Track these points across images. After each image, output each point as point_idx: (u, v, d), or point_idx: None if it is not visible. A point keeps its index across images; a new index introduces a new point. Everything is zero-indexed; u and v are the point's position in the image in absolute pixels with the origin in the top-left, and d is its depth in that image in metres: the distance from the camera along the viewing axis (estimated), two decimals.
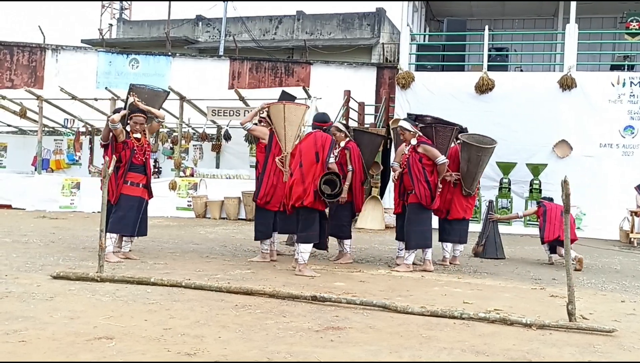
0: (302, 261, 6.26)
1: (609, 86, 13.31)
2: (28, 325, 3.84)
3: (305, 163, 6.23)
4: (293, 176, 6.31)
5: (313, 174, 6.20)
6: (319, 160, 6.21)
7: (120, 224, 6.85)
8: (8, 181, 14.79)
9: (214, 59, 19.19)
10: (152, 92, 7.69)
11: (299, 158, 6.32)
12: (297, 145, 6.49)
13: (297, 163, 6.31)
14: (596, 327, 4.23)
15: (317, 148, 6.26)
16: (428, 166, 6.75)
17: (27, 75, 19.30)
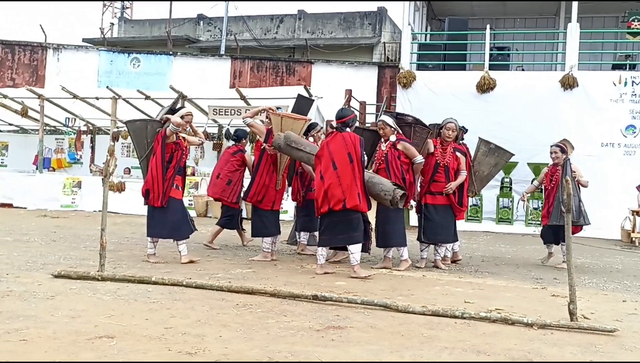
0: (355, 262, 6.16)
1: (610, 85, 13.30)
2: (29, 324, 3.84)
3: (340, 164, 6.09)
4: (325, 179, 6.12)
5: (351, 176, 6.06)
6: (353, 160, 6.09)
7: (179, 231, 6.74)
8: (9, 180, 14.80)
9: (215, 58, 19.19)
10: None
11: (328, 159, 6.15)
12: (322, 146, 6.30)
13: (327, 165, 6.14)
14: (597, 327, 4.22)
15: (348, 148, 6.13)
16: (405, 163, 6.78)
17: (29, 74, 19.32)
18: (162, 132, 6.66)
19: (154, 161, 6.61)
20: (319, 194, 6.19)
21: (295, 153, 6.71)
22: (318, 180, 6.24)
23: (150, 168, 6.65)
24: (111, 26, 30.18)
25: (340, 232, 6.16)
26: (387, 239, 6.88)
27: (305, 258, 7.52)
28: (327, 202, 6.11)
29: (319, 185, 6.20)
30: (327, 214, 6.17)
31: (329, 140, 6.27)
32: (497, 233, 11.91)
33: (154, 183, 6.57)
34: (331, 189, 6.07)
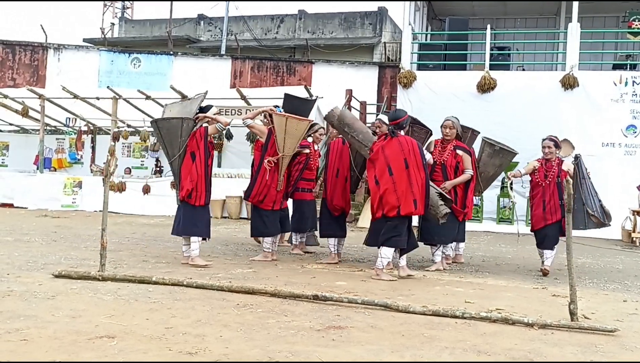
0: (380, 265, 6.10)
1: (611, 85, 13.29)
2: (30, 323, 3.85)
3: (395, 170, 6.01)
4: (381, 184, 6.04)
5: (407, 182, 6.00)
6: (409, 166, 6.02)
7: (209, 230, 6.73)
8: (10, 180, 14.81)
9: (216, 58, 19.19)
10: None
11: (384, 164, 6.06)
12: (377, 150, 6.16)
13: (383, 170, 6.05)
14: (598, 327, 4.22)
15: (404, 153, 6.06)
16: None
17: (29, 74, 19.33)
18: (202, 131, 6.59)
19: (198, 161, 6.52)
20: (374, 199, 6.11)
21: (345, 135, 6.68)
22: (373, 185, 6.12)
23: (191, 167, 6.52)
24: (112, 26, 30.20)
25: (384, 233, 6.08)
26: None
27: (306, 258, 7.52)
28: (381, 208, 6.05)
29: (374, 190, 6.10)
30: (379, 219, 6.10)
31: (384, 144, 6.12)
32: (498, 233, 11.91)
33: (198, 182, 6.51)
34: (386, 196, 6.00)
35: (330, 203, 7.15)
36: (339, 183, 7.14)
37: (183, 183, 6.54)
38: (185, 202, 6.55)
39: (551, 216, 6.90)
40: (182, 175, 6.56)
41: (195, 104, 6.75)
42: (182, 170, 6.56)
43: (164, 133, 6.60)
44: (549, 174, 6.96)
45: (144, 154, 17.04)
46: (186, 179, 6.52)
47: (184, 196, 6.52)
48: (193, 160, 6.56)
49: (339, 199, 7.13)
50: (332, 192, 7.14)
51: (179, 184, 6.62)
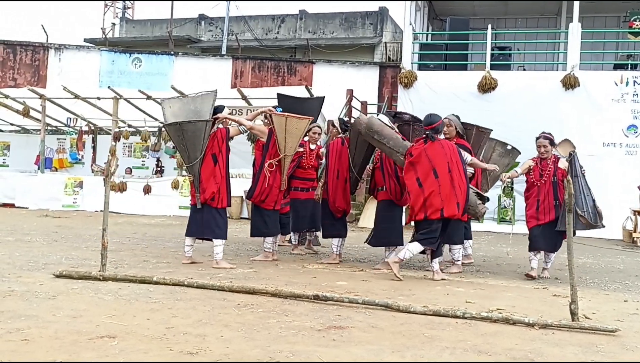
0: (402, 256, 6.09)
1: (612, 85, 13.29)
2: (30, 323, 3.85)
3: (440, 173, 6.00)
4: (425, 187, 5.99)
5: (450, 185, 5.99)
6: (451, 169, 6.02)
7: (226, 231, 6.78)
8: (11, 180, 14.83)
9: (217, 58, 19.20)
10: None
11: (429, 167, 6.03)
12: (419, 153, 6.10)
13: (427, 172, 6.02)
14: (599, 327, 4.22)
15: (447, 157, 6.07)
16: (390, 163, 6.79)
17: (30, 74, 19.34)
18: (224, 132, 6.59)
19: (220, 163, 6.52)
20: (417, 201, 6.05)
21: (375, 143, 6.66)
22: (416, 188, 6.06)
23: (214, 169, 6.48)
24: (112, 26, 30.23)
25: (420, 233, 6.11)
26: (382, 238, 6.87)
27: (307, 258, 7.53)
28: (424, 210, 6.02)
29: (417, 192, 6.04)
30: (421, 221, 6.09)
31: (427, 147, 6.10)
32: (499, 233, 11.90)
33: (222, 185, 6.51)
34: (431, 198, 5.98)
35: (333, 204, 7.13)
36: (339, 184, 7.13)
37: (206, 186, 6.47)
38: (207, 204, 6.51)
39: (544, 216, 6.63)
40: (204, 177, 6.48)
41: (203, 103, 6.63)
42: (203, 172, 6.48)
43: (188, 136, 6.44)
44: (545, 173, 6.76)
45: (145, 154, 17.05)
46: (209, 181, 6.47)
47: (208, 198, 6.48)
48: (215, 162, 6.52)
49: (340, 201, 7.12)
50: (333, 194, 7.12)
51: (199, 186, 6.52)
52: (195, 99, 6.74)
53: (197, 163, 6.48)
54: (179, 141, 6.58)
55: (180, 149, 6.72)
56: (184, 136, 6.46)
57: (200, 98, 6.71)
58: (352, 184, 7.19)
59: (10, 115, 16.16)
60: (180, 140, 6.54)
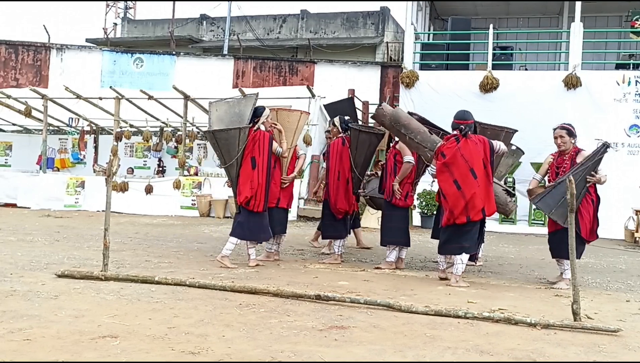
0: (460, 271, 5.89)
1: (614, 84, 13.26)
2: (33, 323, 3.85)
3: (478, 173, 5.79)
4: (465, 189, 5.75)
5: (486, 182, 5.81)
6: (486, 166, 5.84)
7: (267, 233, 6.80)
8: (13, 180, 14.84)
9: (218, 58, 19.20)
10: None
11: (466, 168, 5.77)
12: (453, 154, 5.82)
13: (466, 174, 5.77)
14: (601, 327, 4.21)
15: (482, 155, 5.83)
16: (400, 163, 6.76)
17: (32, 74, 19.36)
18: (266, 137, 6.56)
19: (260, 166, 6.48)
20: (457, 205, 5.77)
21: (401, 137, 6.46)
22: (454, 190, 5.79)
23: (251, 174, 6.45)
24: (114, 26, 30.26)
25: (464, 240, 5.87)
26: (387, 237, 6.88)
27: (309, 258, 7.53)
28: (465, 213, 5.77)
29: (456, 195, 5.77)
30: (460, 225, 5.82)
31: (460, 146, 5.82)
32: (500, 232, 11.89)
33: (258, 190, 6.48)
34: (474, 200, 5.74)
35: (334, 206, 7.11)
36: (341, 185, 7.10)
37: (241, 189, 6.48)
38: (243, 207, 6.54)
39: None
40: (241, 181, 6.49)
41: (247, 105, 6.63)
42: (241, 176, 6.49)
43: (221, 143, 6.47)
44: (560, 170, 6.06)
45: (147, 154, 17.06)
46: (245, 185, 6.46)
47: (242, 202, 6.50)
48: (254, 166, 6.48)
49: (342, 203, 7.10)
50: (335, 195, 7.10)
51: (235, 189, 6.56)
52: (239, 102, 6.76)
53: (231, 167, 6.50)
54: (214, 146, 6.63)
55: (217, 154, 6.77)
56: (217, 143, 6.49)
57: (244, 101, 6.74)
58: (355, 185, 7.19)
59: (12, 115, 16.18)
60: (215, 146, 6.59)
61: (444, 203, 6.00)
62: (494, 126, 7.06)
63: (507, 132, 7.09)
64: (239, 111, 6.63)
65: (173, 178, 14.19)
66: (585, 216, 5.97)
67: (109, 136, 16.34)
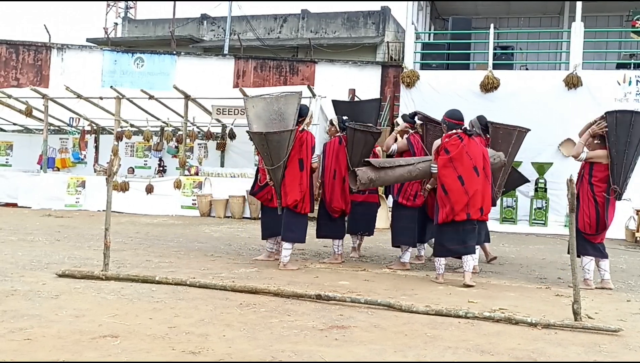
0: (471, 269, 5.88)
1: (615, 84, 13.26)
2: (33, 323, 3.86)
3: (480, 171, 5.88)
4: (469, 186, 5.79)
5: (485, 182, 5.93)
6: (485, 167, 5.93)
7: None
8: (14, 180, 14.84)
9: (219, 58, 19.20)
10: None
11: (469, 164, 5.83)
12: (459, 150, 5.86)
13: (469, 171, 5.82)
14: (602, 327, 4.21)
15: (482, 155, 5.94)
16: None
17: (33, 74, 19.36)
18: (311, 138, 6.58)
19: (306, 169, 6.52)
20: (460, 201, 5.77)
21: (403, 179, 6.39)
22: (458, 186, 5.79)
23: (301, 176, 6.48)
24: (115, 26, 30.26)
25: (458, 242, 5.88)
26: (399, 237, 6.89)
27: (309, 258, 7.52)
28: (466, 210, 5.79)
29: (460, 191, 5.78)
30: (459, 222, 5.82)
31: (465, 143, 5.86)
32: (501, 232, 11.89)
33: (306, 193, 6.54)
34: (475, 197, 5.82)
35: (329, 205, 7.08)
36: (337, 184, 7.03)
37: (288, 190, 6.44)
38: (290, 210, 6.52)
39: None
40: (288, 182, 6.45)
41: (287, 104, 6.47)
42: (288, 177, 6.45)
43: (272, 145, 6.30)
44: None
45: (147, 154, 17.05)
46: (294, 188, 6.44)
47: (290, 205, 6.47)
48: (301, 168, 6.50)
49: (338, 202, 7.05)
50: (330, 194, 7.06)
51: (280, 190, 6.48)
52: (278, 99, 6.57)
53: (278, 169, 6.40)
54: (262, 148, 6.44)
55: (263, 155, 6.55)
56: (268, 145, 6.32)
57: (283, 98, 6.54)
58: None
59: (13, 115, 16.18)
60: (264, 148, 6.39)
61: (443, 199, 5.89)
62: (506, 125, 7.03)
63: (519, 131, 7.07)
64: (278, 109, 6.48)
65: (174, 177, 14.19)
66: (585, 211, 6.06)
67: (109, 136, 16.33)
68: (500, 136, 6.91)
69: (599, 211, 6.04)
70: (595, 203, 6.05)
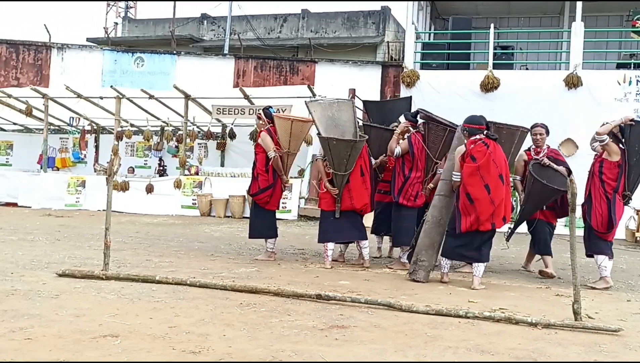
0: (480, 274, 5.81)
1: (615, 84, 13.26)
2: (34, 322, 3.86)
3: (505, 178, 5.76)
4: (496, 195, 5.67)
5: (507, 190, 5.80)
6: (507, 174, 5.85)
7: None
8: (14, 179, 14.85)
9: (219, 58, 19.20)
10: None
11: (495, 172, 5.68)
12: (487, 158, 5.67)
13: (496, 179, 5.69)
14: (602, 327, 4.21)
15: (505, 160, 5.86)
16: (407, 161, 6.76)
17: (33, 73, 19.36)
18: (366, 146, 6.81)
19: (366, 173, 6.71)
20: (486, 211, 5.66)
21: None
22: (485, 195, 5.65)
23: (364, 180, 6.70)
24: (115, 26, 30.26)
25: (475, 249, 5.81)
26: (400, 237, 6.88)
27: (309, 257, 7.52)
28: (491, 219, 5.70)
29: (487, 200, 5.64)
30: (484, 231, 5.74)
31: (491, 151, 5.70)
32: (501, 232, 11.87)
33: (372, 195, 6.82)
34: (500, 207, 5.69)
35: None
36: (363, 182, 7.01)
37: (355, 195, 6.63)
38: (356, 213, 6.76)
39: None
40: (353, 187, 6.62)
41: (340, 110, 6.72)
42: (353, 182, 6.62)
43: (353, 152, 6.52)
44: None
45: (147, 153, 17.06)
46: (361, 192, 6.68)
47: (358, 208, 6.72)
48: (362, 174, 6.71)
49: None
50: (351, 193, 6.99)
51: (341, 194, 6.62)
52: (332, 105, 6.78)
53: (345, 174, 6.59)
54: (329, 153, 6.60)
55: (334, 160, 6.61)
56: (351, 151, 6.52)
57: (336, 105, 6.74)
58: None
59: (13, 114, 16.19)
60: (342, 153, 6.52)
61: (468, 208, 5.72)
62: (509, 125, 6.99)
63: (522, 131, 7.08)
64: (332, 115, 6.69)
65: (174, 177, 14.20)
66: (597, 209, 6.08)
67: (109, 136, 16.35)
68: (503, 136, 6.88)
69: (611, 208, 6.05)
70: (607, 200, 6.06)
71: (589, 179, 6.31)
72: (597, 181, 6.16)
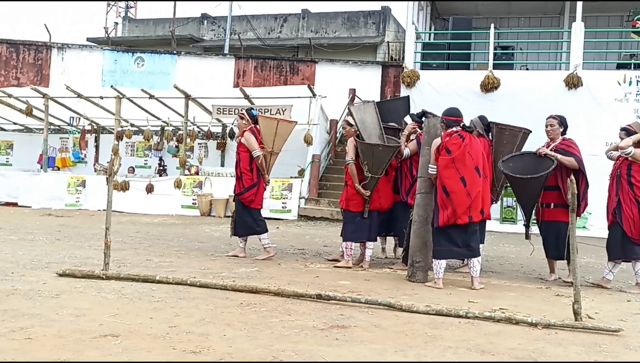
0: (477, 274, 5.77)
1: (615, 84, 13.27)
2: (34, 322, 3.86)
3: (482, 171, 5.76)
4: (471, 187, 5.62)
5: (485, 183, 5.84)
6: (486, 168, 5.87)
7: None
8: (14, 179, 14.86)
9: (219, 58, 19.22)
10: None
11: (471, 164, 5.66)
12: (462, 150, 5.67)
13: (472, 171, 5.66)
14: (602, 327, 4.21)
15: (484, 154, 5.92)
16: (415, 162, 6.74)
17: (33, 73, 19.38)
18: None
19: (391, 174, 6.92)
20: (462, 203, 5.60)
21: None
22: (460, 187, 5.60)
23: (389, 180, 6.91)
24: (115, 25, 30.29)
25: (462, 245, 5.71)
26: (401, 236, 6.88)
27: (309, 257, 7.53)
28: (468, 212, 5.62)
29: (463, 193, 5.60)
30: (461, 225, 5.64)
31: (467, 143, 5.71)
32: (501, 232, 11.89)
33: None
34: (477, 199, 5.65)
35: None
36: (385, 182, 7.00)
37: (382, 195, 6.81)
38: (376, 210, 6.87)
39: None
40: (381, 188, 6.78)
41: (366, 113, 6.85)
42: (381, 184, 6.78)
43: (392, 157, 6.75)
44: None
45: (147, 153, 17.07)
46: (387, 193, 6.88)
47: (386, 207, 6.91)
48: (387, 173, 6.89)
49: None
50: None
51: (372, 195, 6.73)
52: (359, 108, 6.94)
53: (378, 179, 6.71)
54: (370, 158, 6.69)
55: (368, 163, 6.70)
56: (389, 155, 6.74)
57: (362, 107, 6.91)
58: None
59: (13, 114, 16.19)
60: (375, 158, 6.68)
61: (444, 201, 5.65)
62: (512, 126, 6.99)
63: (524, 133, 7.08)
64: (361, 118, 6.81)
65: (174, 177, 14.20)
66: (628, 214, 5.97)
67: (109, 135, 16.36)
68: (505, 137, 6.88)
69: None
70: (637, 203, 5.94)
71: (613, 182, 6.16)
72: (625, 184, 6.01)
